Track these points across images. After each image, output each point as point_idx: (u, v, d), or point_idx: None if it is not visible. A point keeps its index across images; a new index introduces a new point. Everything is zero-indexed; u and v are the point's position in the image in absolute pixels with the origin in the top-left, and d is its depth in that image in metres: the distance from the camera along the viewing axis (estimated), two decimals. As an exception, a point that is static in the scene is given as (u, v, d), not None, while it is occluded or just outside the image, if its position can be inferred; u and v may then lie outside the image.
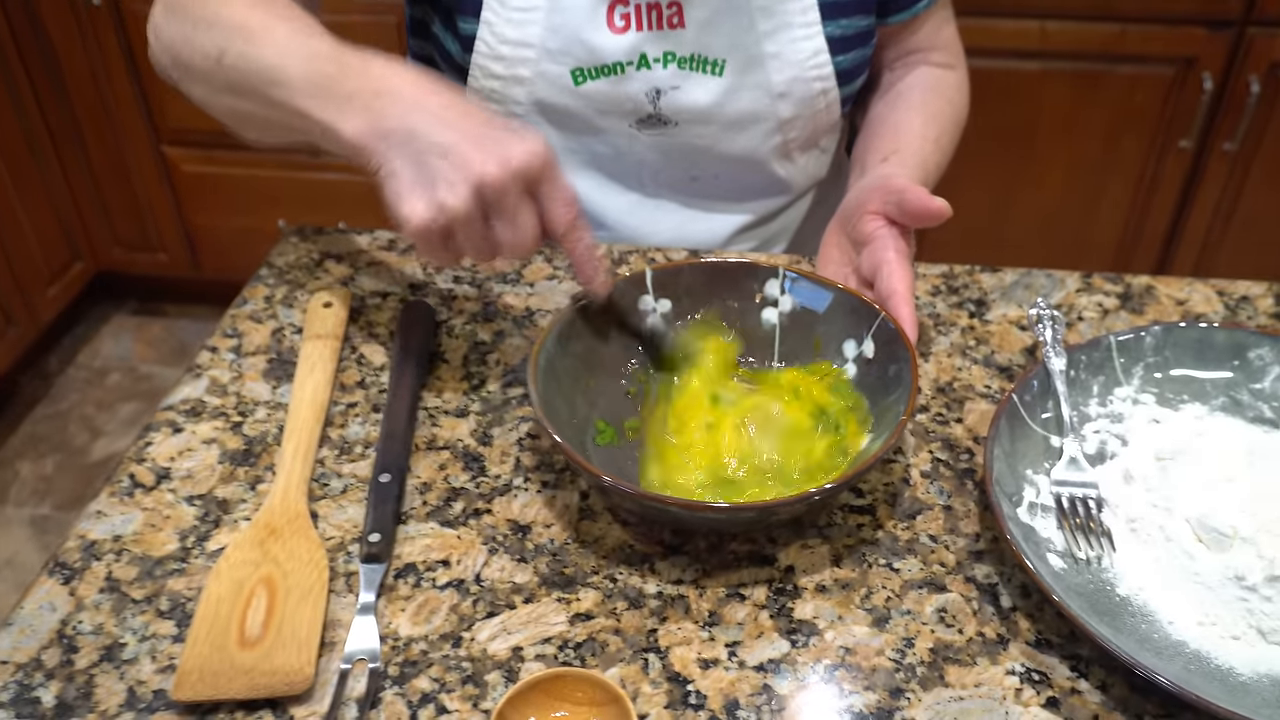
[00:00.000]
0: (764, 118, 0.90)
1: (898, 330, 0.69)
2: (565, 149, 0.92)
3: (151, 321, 2.72)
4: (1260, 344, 0.74)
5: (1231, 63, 1.97)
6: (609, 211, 0.95)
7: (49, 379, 2.55)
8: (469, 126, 0.63)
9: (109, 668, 0.59)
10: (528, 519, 0.68)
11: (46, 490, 2.27)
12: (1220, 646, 0.59)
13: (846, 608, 0.62)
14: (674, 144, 0.91)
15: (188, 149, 2.38)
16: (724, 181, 0.95)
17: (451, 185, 0.62)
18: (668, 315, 0.76)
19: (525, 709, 0.55)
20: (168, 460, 0.72)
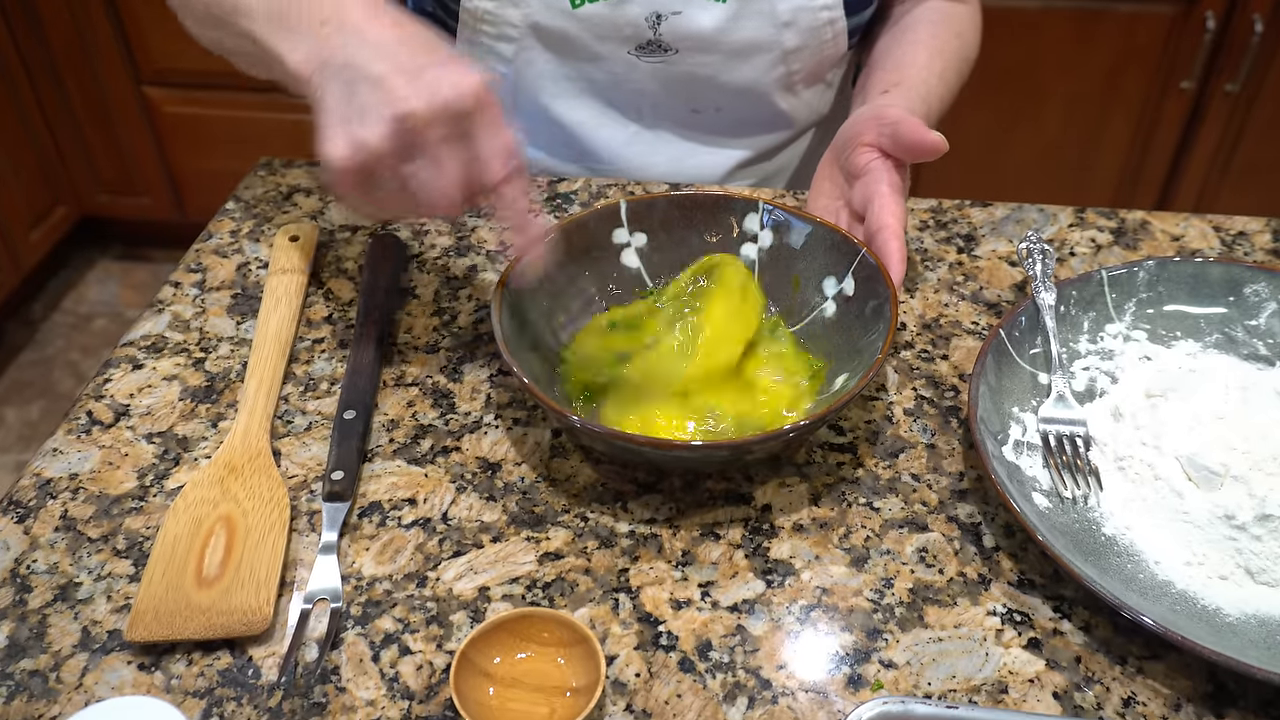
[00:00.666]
0: (768, 47, 0.86)
1: (879, 267, 0.66)
2: (561, 76, 0.88)
3: (137, 266, 2.69)
4: (1256, 279, 0.72)
5: (1235, 1, 1.92)
6: (605, 143, 0.91)
7: (34, 325, 2.52)
8: (406, 58, 0.57)
9: (63, 607, 0.57)
10: (498, 457, 0.66)
11: (32, 436, 2.25)
12: (1207, 586, 0.57)
13: (824, 547, 0.60)
14: (674, 73, 0.87)
15: (169, 89, 2.34)
16: (725, 114, 0.92)
17: (374, 121, 0.56)
18: (643, 249, 0.73)
19: (490, 650, 0.53)
20: (127, 397, 0.70)
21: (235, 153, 2.40)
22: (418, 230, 0.84)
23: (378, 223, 0.83)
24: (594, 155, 0.93)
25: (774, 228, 0.72)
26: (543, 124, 0.91)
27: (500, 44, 0.86)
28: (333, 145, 0.56)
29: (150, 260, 2.70)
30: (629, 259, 0.73)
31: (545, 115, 0.90)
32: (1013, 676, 0.54)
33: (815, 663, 0.55)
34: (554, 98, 0.89)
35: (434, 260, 0.81)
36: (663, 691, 0.53)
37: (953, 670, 0.54)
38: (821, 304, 0.70)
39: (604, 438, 0.60)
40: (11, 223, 2.32)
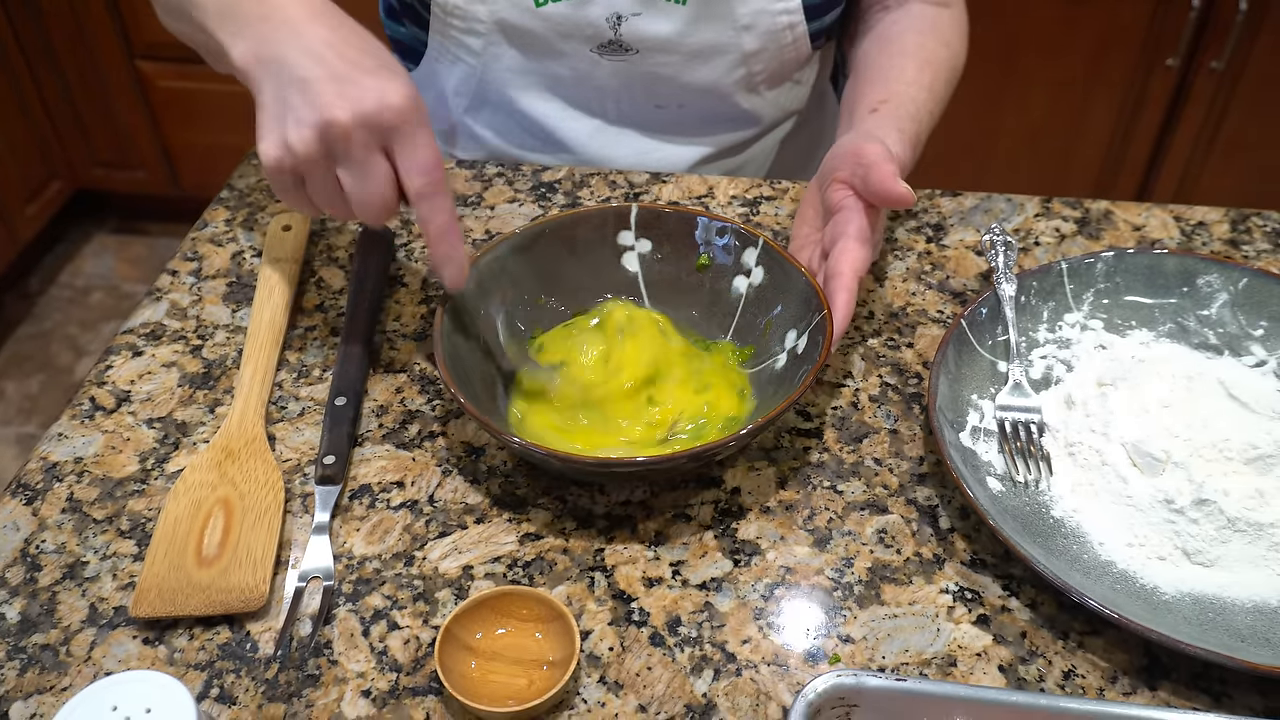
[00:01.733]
0: (727, 50, 0.88)
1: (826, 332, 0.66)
2: (527, 70, 0.91)
3: (133, 240, 2.71)
4: (1209, 270, 0.75)
5: (1220, -21, 1.94)
6: (570, 135, 0.94)
7: (31, 299, 2.54)
8: (337, 62, 0.59)
9: (71, 585, 0.61)
10: (481, 441, 0.69)
11: (32, 409, 2.28)
12: (1146, 567, 0.61)
13: (789, 529, 0.64)
14: (636, 72, 0.89)
15: (162, 63, 2.34)
16: (688, 111, 0.94)
17: (300, 125, 0.59)
18: (646, 255, 0.76)
19: (472, 625, 0.57)
20: (128, 383, 0.73)
21: (229, 127, 2.40)
22: (405, 221, 0.87)
23: (315, 218, 0.85)
24: (560, 146, 0.95)
25: (766, 269, 0.72)
26: (510, 116, 0.94)
27: (468, 38, 0.88)
28: (265, 145, 0.60)
29: (146, 234, 2.72)
30: (629, 263, 0.76)
31: (512, 107, 0.93)
32: (961, 651, 0.58)
33: (777, 638, 0.59)
34: (520, 90, 0.91)
35: (421, 250, 0.84)
36: (634, 664, 0.57)
37: (906, 645, 0.58)
38: (778, 354, 0.70)
39: (542, 458, 0.62)
40: (6, 196, 2.34)
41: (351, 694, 0.56)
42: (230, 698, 0.55)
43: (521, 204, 0.88)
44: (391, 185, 0.62)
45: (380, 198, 0.61)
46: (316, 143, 0.59)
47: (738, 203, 0.88)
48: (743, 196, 0.89)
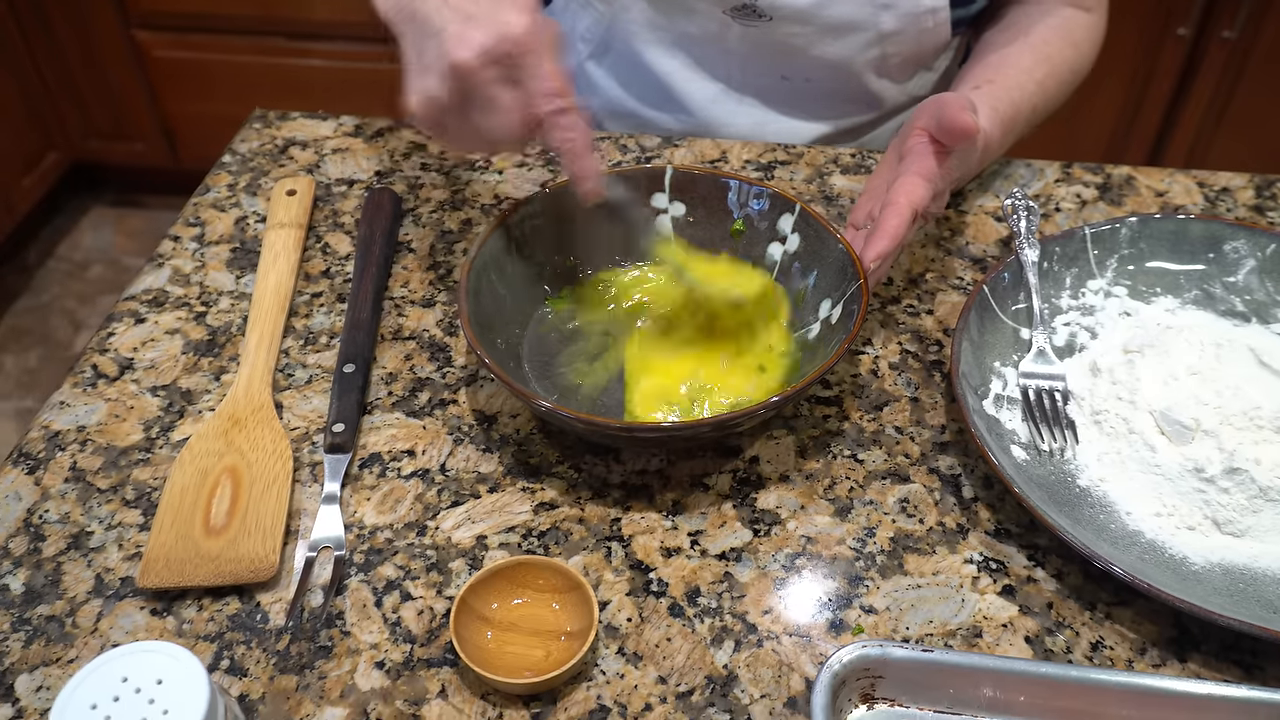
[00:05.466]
0: (864, 27, 0.85)
1: (861, 304, 0.64)
2: (655, 25, 0.88)
3: (131, 213, 2.68)
4: (1236, 236, 0.74)
5: (1234, -53, 1.91)
6: (691, 96, 0.91)
7: (29, 272, 2.52)
8: (463, 5, 0.59)
9: (76, 555, 0.59)
10: (494, 409, 0.67)
11: (31, 383, 2.26)
12: (1175, 537, 0.59)
13: (810, 498, 0.63)
14: (766, 39, 0.86)
15: (159, 32, 2.31)
16: (813, 86, 0.90)
17: (435, 72, 0.59)
18: (679, 219, 0.74)
19: (488, 596, 0.55)
20: (130, 351, 0.72)
21: (228, 97, 2.38)
22: (413, 184, 0.85)
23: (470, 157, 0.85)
24: (679, 106, 0.92)
25: (802, 235, 0.71)
26: (633, 69, 0.91)
27: None
28: (410, 98, 0.61)
29: (144, 206, 2.69)
30: (663, 224, 0.74)
31: (636, 60, 0.90)
32: (987, 622, 0.57)
33: (799, 608, 0.57)
34: (646, 44, 0.89)
35: (429, 214, 0.82)
36: (653, 635, 0.56)
37: (930, 615, 0.57)
38: (811, 324, 0.69)
39: (576, 426, 0.61)
40: (2, 169, 2.31)
41: (365, 665, 0.55)
42: (241, 669, 0.54)
43: (530, 167, 0.86)
44: (516, 116, 0.61)
45: (505, 130, 0.61)
46: (449, 88, 0.59)
47: (751, 166, 0.86)
48: (756, 160, 0.87)
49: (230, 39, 2.31)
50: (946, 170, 0.70)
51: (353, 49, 2.28)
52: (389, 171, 0.86)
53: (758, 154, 0.88)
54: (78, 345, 2.34)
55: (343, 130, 0.90)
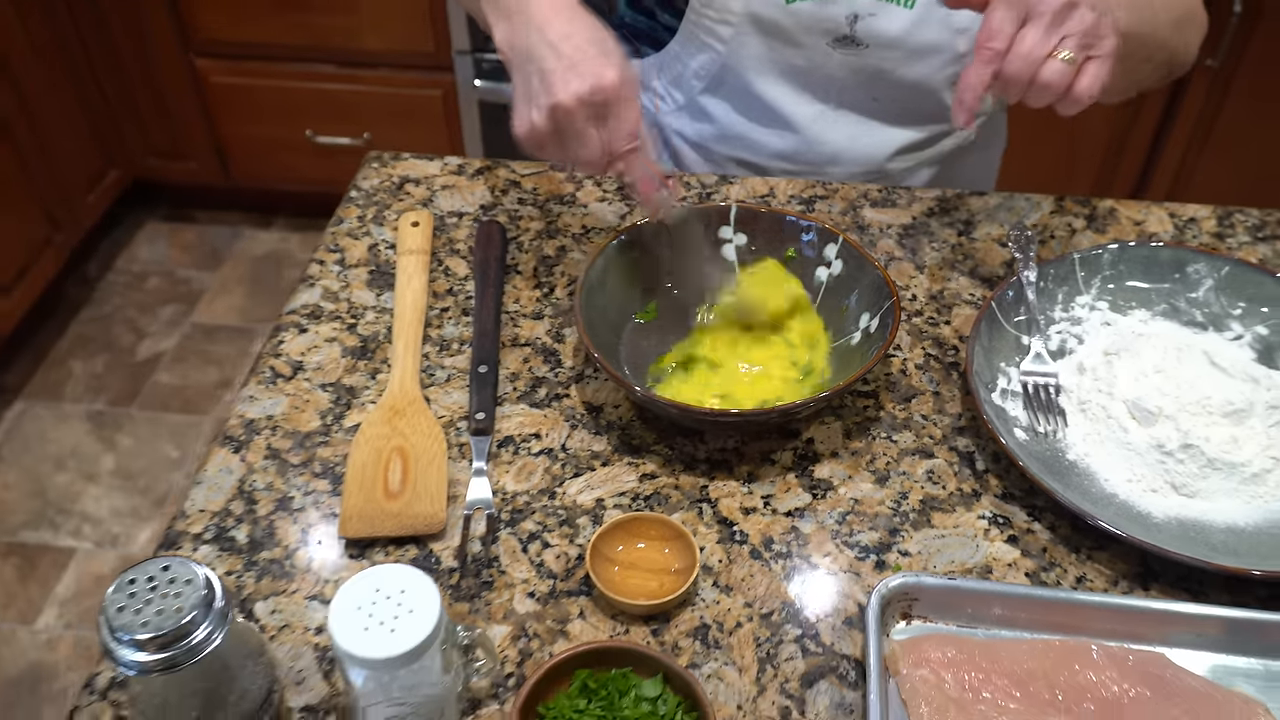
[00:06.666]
0: (943, 49, 1.01)
1: (894, 317, 0.80)
2: (768, 59, 1.03)
3: (184, 227, 2.84)
4: (1197, 260, 0.90)
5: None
6: (796, 116, 1.07)
7: (91, 283, 2.68)
8: (570, 54, 0.75)
9: (284, 515, 0.76)
10: (599, 401, 0.84)
11: (99, 387, 2.42)
12: (1142, 498, 0.76)
13: (855, 470, 0.79)
14: (861, 64, 1.02)
15: (217, 60, 2.47)
16: (898, 103, 1.06)
17: (539, 107, 0.76)
18: (741, 248, 0.91)
19: (613, 542, 0.72)
20: (299, 355, 0.88)
21: (278, 120, 2.55)
22: (513, 216, 1.01)
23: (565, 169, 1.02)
24: (785, 125, 1.07)
25: (844, 261, 0.88)
26: (745, 97, 1.07)
27: (720, 27, 1.02)
28: (517, 122, 0.78)
29: (196, 221, 2.86)
30: (728, 253, 0.91)
31: (750, 90, 1.06)
32: (996, 562, 0.73)
33: (850, 553, 0.74)
34: (758, 75, 1.05)
35: (529, 242, 0.99)
36: (739, 572, 0.73)
37: (952, 558, 0.74)
38: (853, 333, 0.85)
39: (669, 410, 0.78)
40: (70, 186, 2.48)
41: (519, 595, 0.71)
42: (425, 598, 0.71)
43: (610, 202, 1.03)
44: (600, 149, 0.77)
45: (590, 159, 0.78)
46: (548, 121, 0.76)
47: (796, 200, 1.03)
48: (799, 195, 1.04)
49: (282, 66, 2.47)
50: None
51: (397, 76, 2.44)
52: (491, 205, 1.03)
53: (800, 190, 1.05)
54: (140, 352, 2.51)
55: (448, 169, 1.07)
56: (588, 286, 0.84)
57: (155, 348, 2.53)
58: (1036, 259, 0.91)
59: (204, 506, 0.76)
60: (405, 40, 2.36)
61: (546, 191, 1.04)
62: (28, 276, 2.37)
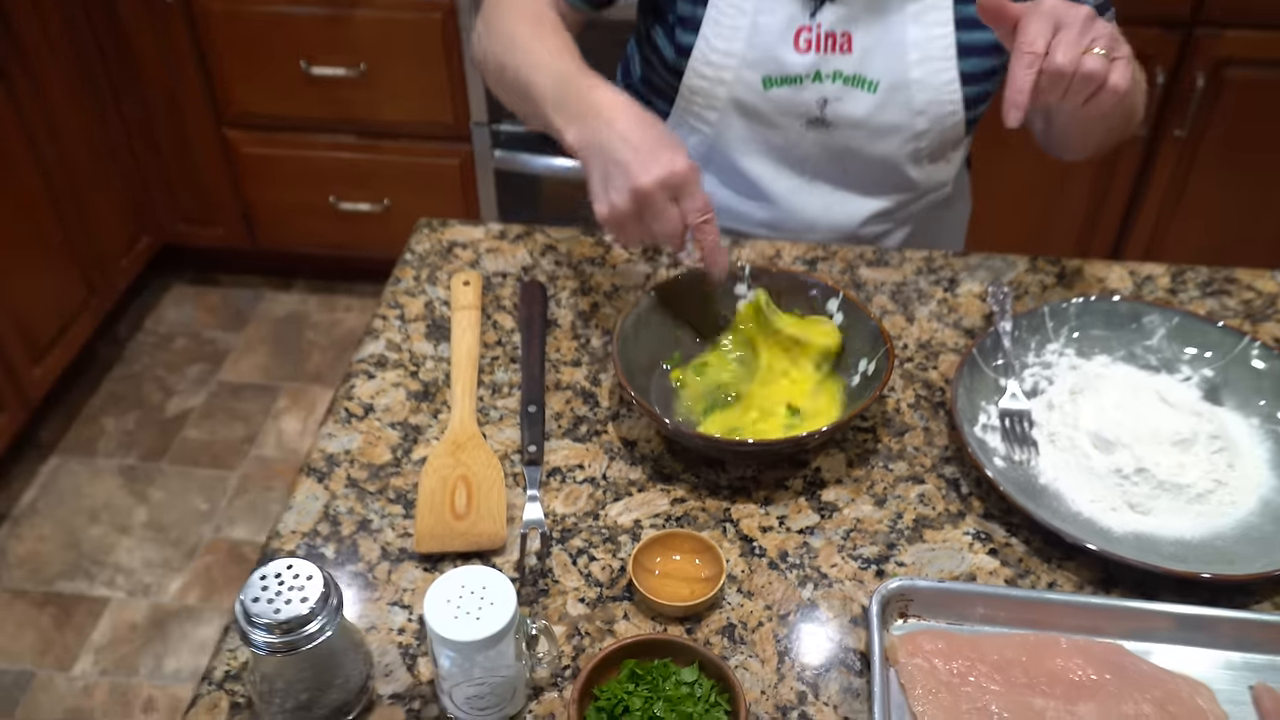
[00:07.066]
0: (904, 129, 1.15)
1: (888, 362, 0.93)
2: (749, 139, 1.18)
3: (209, 290, 2.98)
4: (1151, 312, 1.04)
5: (1181, 59, 2.23)
6: (775, 190, 1.21)
7: (121, 344, 2.81)
8: (642, 145, 0.89)
9: (365, 535, 0.88)
10: (634, 437, 0.97)
11: (130, 443, 2.54)
12: (1103, 515, 0.88)
13: (858, 494, 0.92)
14: (832, 142, 1.17)
15: (248, 131, 2.62)
16: (866, 176, 1.21)
17: (620, 191, 0.89)
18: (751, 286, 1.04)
19: (652, 554, 0.84)
20: (369, 398, 1.01)
21: (303, 187, 2.70)
22: (551, 276, 1.15)
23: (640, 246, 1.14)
24: (765, 198, 1.22)
25: (845, 313, 1.01)
26: (730, 173, 1.22)
27: (707, 112, 1.17)
28: (599, 207, 0.91)
29: (219, 284, 2.99)
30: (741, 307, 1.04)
31: (735, 167, 1.21)
32: (979, 570, 0.85)
33: (854, 564, 0.86)
34: (742, 154, 1.19)
35: (566, 299, 1.12)
36: (760, 580, 0.84)
37: (941, 567, 0.86)
38: (853, 376, 0.98)
39: (688, 438, 0.90)
40: (106, 252, 2.61)
41: (571, 600, 0.83)
42: (490, 603, 0.82)
43: (635, 263, 1.16)
44: (677, 223, 0.90)
45: (670, 232, 0.91)
46: (631, 203, 0.89)
47: (800, 261, 1.17)
48: (803, 257, 1.17)
49: (308, 136, 2.62)
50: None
51: (417, 145, 2.60)
52: (531, 266, 1.16)
53: (803, 252, 1.18)
54: (170, 409, 2.63)
55: (491, 234, 1.21)
56: (622, 337, 0.96)
57: (183, 405, 2.64)
58: (1012, 312, 1.04)
59: (295, 528, 0.88)
60: (426, 112, 2.52)
61: (579, 254, 1.17)
62: (64, 338, 2.50)
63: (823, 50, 1.11)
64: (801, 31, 1.11)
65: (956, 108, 1.15)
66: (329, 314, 2.90)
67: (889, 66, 1.12)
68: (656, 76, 1.21)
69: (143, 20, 2.44)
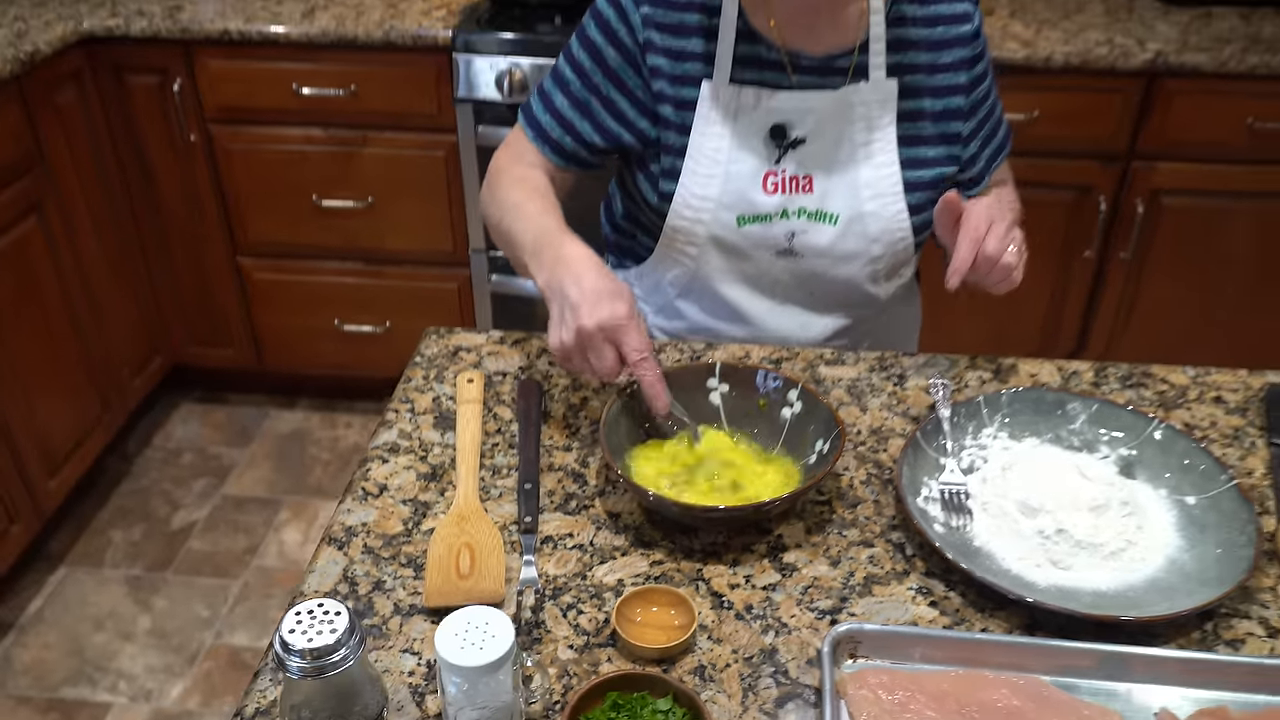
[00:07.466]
0: (862, 255, 1.33)
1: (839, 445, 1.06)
2: (727, 269, 1.35)
3: (215, 409, 3.11)
4: (1074, 400, 1.18)
5: (1120, 189, 2.45)
6: (751, 312, 1.38)
7: (130, 459, 2.92)
8: (591, 293, 1.06)
9: (379, 593, 1.00)
10: (618, 510, 1.09)
11: (137, 554, 2.63)
12: (1029, 571, 1.00)
13: (815, 556, 1.04)
14: (799, 269, 1.34)
15: (260, 259, 2.80)
16: (831, 296, 1.38)
17: (569, 328, 1.06)
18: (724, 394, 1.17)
19: (632, 606, 0.96)
20: (383, 479, 1.13)
21: (310, 311, 2.87)
22: (545, 376, 1.29)
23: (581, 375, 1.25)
24: (743, 319, 1.38)
25: (803, 402, 1.15)
26: (711, 299, 1.38)
27: (688, 247, 1.34)
28: (551, 340, 1.08)
29: (227, 403, 3.13)
30: (714, 399, 1.18)
31: (714, 294, 1.38)
32: (920, 618, 0.97)
33: (811, 614, 0.97)
34: (720, 282, 1.36)
35: (559, 394, 1.26)
36: (727, 629, 0.96)
37: (888, 616, 0.97)
38: (810, 455, 1.12)
39: (667, 507, 1.03)
40: (121, 372, 2.75)
41: (562, 646, 0.94)
42: (491, 650, 0.93)
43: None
44: (616, 360, 1.07)
45: (606, 369, 1.07)
46: (575, 340, 1.06)
47: (766, 360, 1.31)
48: (769, 357, 1.32)
49: (317, 263, 2.80)
50: (999, 220, 1.19)
51: (419, 271, 2.78)
52: (528, 366, 1.30)
53: (769, 353, 1.33)
54: (175, 522, 2.73)
55: (492, 340, 1.35)
56: (608, 424, 1.10)
57: (189, 517, 2.75)
58: (951, 401, 1.19)
59: (317, 588, 1.00)
60: (428, 241, 2.71)
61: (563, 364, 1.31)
62: (78, 452, 2.62)
63: (788, 191, 1.30)
64: (769, 176, 1.29)
65: (906, 234, 1.32)
66: (330, 430, 3.03)
67: (846, 202, 1.30)
68: (642, 215, 1.39)
69: (167, 157, 2.65)
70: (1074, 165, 2.43)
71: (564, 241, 1.14)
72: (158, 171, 2.68)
